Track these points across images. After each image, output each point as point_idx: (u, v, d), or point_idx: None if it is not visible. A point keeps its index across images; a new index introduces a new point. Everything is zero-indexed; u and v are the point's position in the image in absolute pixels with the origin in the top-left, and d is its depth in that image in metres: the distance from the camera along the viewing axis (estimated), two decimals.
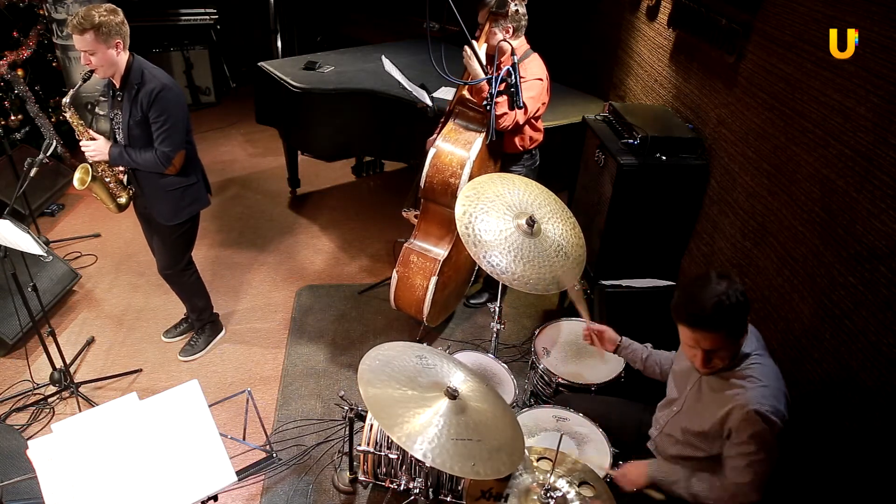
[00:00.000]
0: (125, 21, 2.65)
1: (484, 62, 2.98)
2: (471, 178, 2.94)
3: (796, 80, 2.47)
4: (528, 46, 3.18)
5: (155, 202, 2.96)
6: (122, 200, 2.99)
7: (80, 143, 2.81)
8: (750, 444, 1.80)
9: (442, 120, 3.47)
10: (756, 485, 1.83)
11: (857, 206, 2.13)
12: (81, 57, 2.62)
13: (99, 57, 2.60)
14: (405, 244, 3.21)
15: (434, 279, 3.08)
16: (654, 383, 2.37)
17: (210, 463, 1.86)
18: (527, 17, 3.10)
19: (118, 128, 2.84)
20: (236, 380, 3.29)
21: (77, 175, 2.83)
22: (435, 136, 3.41)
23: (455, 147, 3.01)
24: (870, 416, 2.04)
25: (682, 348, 2.16)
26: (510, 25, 3.05)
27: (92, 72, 2.67)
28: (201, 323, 3.44)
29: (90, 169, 2.83)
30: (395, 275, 3.19)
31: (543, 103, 3.19)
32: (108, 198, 2.96)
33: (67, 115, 2.76)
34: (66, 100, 2.74)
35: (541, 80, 3.10)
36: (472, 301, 3.87)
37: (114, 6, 2.65)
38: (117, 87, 2.76)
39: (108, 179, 2.92)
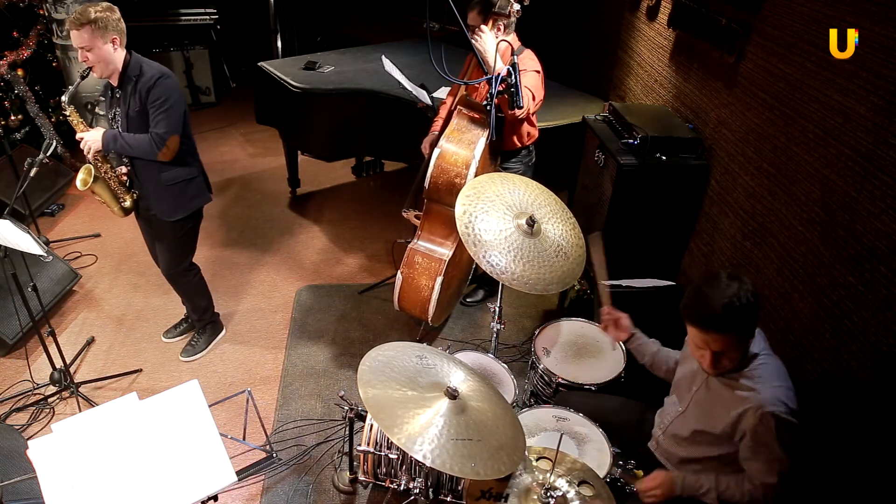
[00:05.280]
0: (121, 19, 2.66)
1: (493, 57, 2.94)
2: (475, 177, 2.95)
3: (796, 80, 2.47)
4: (520, 43, 3.18)
5: (156, 198, 2.94)
6: (127, 204, 2.98)
7: (77, 136, 2.80)
8: (771, 447, 1.80)
9: (436, 119, 3.47)
10: (782, 481, 1.84)
11: (857, 206, 2.13)
12: (79, 54, 2.63)
13: (96, 53, 2.60)
14: (409, 245, 3.21)
15: (440, 279, 3.09)
16: (653, 384, 2.37)
17: (210, 463, 1.86)
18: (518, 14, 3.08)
19: (117, 125, 2.84)
20: (236, 380, 3.29)
21: (80, 176, 2.82)
22: (431, 137, 3.42)
23: (459, 147, 3.01)
24: (870, 416, 2.04)
25: (687, 350, 2.17)
26: (502, 23, 3.03)
27: (90, 69, 2.67)
28: (203, 323, 3.44)
29: (92, 170, 2.83)
30: (399, 276, 3.19)
31: (541, 98, 3.18)
32: (113, 200, 2.95)
33: (67, 112, 2.76)
34: (64, 98, 2.75)
35: (538, 71, 3.10)
36: (468, 300, 3.88)
37: (111, 4, 2.66)
38: (115, 85, 2.76)
39: (109, 180, 2.91)
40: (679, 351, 2.30)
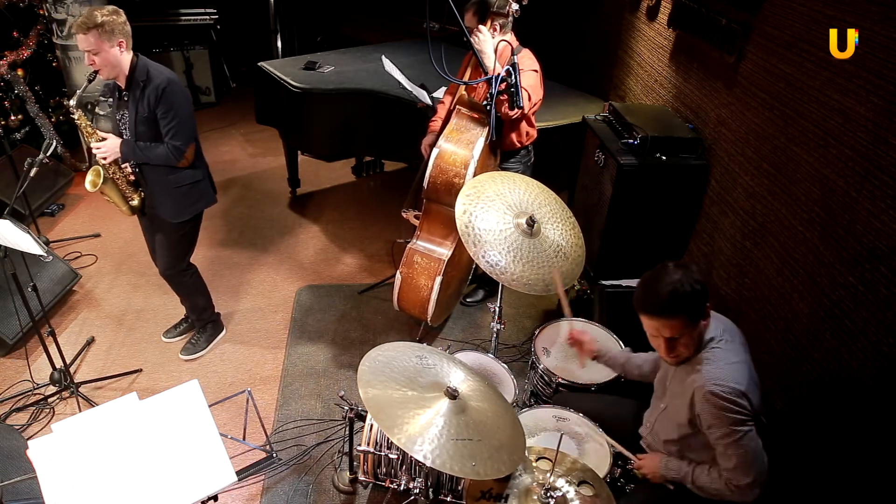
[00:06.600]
0: (127, 21, 2.68)
1: (491, 59, 2.94)
2: (474, 177, 2.95)
3: (796, 80, 2.47)
4: (518, 42, 3.17)
5: (162, 199, 2.96)
6: (135, 203, 3.00)
7: (91, 145, 2.82)
8: (720, 427, 1.83)
9: (434, 119, 3.47)
10: (743, 467, 1.84)
11: (857, 206, 2.13)
12: (85, 57, 2.64)
13: (102, 56, 2.62)
14: (409, 245, 3.21)
15: (439, 279, 3.09)
16: (651, 384, 2.37)
17: (210, 463, 1.86)
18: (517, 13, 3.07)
19: (125, 128, 2.84)
20: (236, 380, 3.29)
21: (88, 178, 2.84)
22: (429, 137, 3.41)
23: (458, 147, 3.01)
24: (870, 416, 2.04)
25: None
26: (499, 23, 3.01)
27: (96, 72, 2.68)
28: (203, 322, 3.45)
29: (101, 171, 2.84)
30: (398, 276, 3.19)
31: (540, 98, 3.18)
32: (121, 200, 2.97)
33: (75, 117, 2.78)
34: (72, 102, 2.76)
35: (536, 71, 3.10)
36: (468, 300, 3.88)
37: (116, 7, 2.68)
38: (122, 87, 2.77)
39: (118, 180, 2.93)
40: (652, 353, 2.34)
